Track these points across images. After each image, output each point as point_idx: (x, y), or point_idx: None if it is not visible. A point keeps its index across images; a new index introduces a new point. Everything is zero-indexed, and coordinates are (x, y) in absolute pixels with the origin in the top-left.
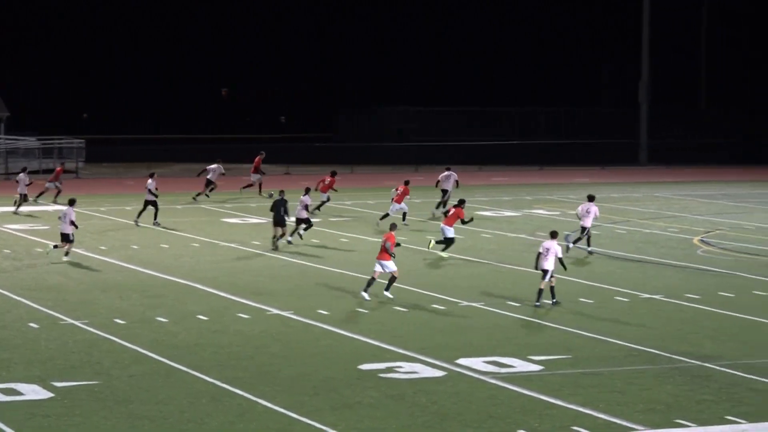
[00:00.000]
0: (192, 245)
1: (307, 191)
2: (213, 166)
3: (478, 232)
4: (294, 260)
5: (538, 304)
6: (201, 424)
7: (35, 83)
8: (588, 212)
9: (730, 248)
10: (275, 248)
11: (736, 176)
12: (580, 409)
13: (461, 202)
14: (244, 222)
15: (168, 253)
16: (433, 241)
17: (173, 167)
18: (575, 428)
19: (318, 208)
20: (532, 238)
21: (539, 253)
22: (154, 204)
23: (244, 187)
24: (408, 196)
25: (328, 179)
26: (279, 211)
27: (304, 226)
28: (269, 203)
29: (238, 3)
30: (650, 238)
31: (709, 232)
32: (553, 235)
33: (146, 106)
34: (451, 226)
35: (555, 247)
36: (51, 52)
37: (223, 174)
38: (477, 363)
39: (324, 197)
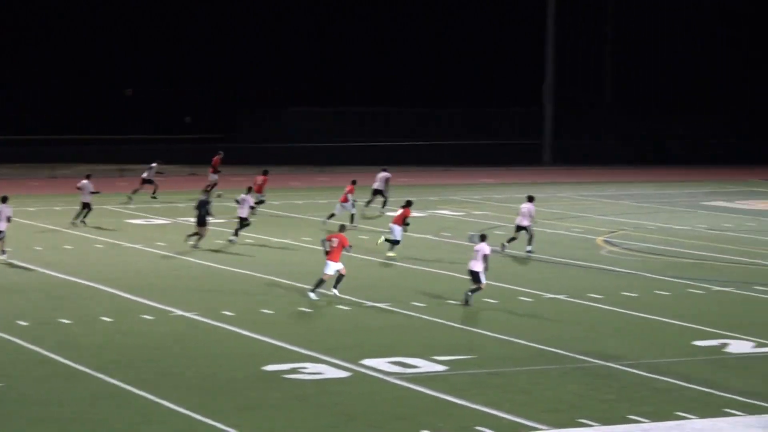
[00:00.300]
0: (96, 246)
1: (249, 190)
2: (152, 165)
3: (384, 232)
4: (198, 261)
5: (470, 294)
6: (104, 425)
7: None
8: (523, 212)
9: (634, 248)
10: (193, 245)
11: (639, 177)
12: (485, 409)
13: (409, 203)
14: (148, 223)
15: (72, 254)
16: (383, 238)
17: (77, 168)
18: (480, 428)
19: (255, 205)
20: (437, 238)
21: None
22: (89, 205)
23: (208, 187)
24: (351, 196)
25: (260, 178)
26: (200, 210)
27: (240, 225)
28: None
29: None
30: (554, 239)
31: (612, 232)
32: (483, 237)
33: (50, 106)
34: (400, 225)
35: (484, 248)
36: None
37: (160, 173)
38: (382, 363)
39: (260, 197)
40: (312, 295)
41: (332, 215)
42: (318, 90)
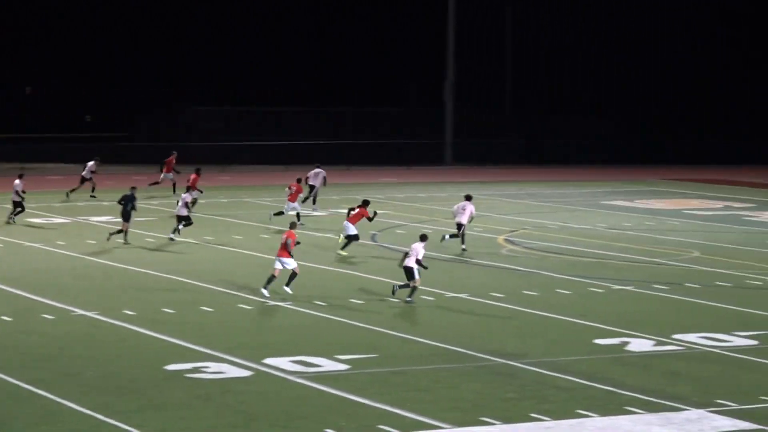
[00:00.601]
0: None
1: (188, 189)
2: (89, 163)
3: (281, 230)
4: (99, 260)
5: (397, 288)
6: (5, 425)
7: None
8: (463, 210)
9: (534, 247)
10: (124, 242)
11: (539, 176)
12: (387, 408)
13: (365, 203)
14: (48, 222)
15: None
16: (342, 236)
17: None
18: (382, 427)
19: (192, 204)
20: (339, 237)
21: (406, 253)
22: (20, 204)
23: (156, 185)
24: (302, 194)
25: (192, 176)
26: (126, 206)
27: (183, 223)
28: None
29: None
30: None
31: (513, 231)
32: (423, 237)
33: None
34: (354, 224)
35: (419, 249)
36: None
37: (94, 172)
38: (284, 363)
39: (194, 194)
40: (287, 289)
41: (297, 214)
42: (217, 89)
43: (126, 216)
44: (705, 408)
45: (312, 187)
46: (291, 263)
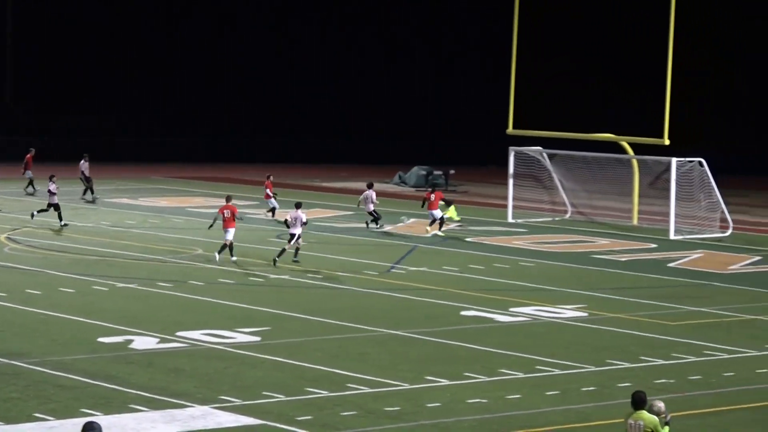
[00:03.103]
0: None
1: (51, 178)
2: None
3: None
4: None
5: (296, 259)
6: None
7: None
8: (366, 199)
9: (37, 245)
10: None
11: (42, 173)
12: None
13: (435, 186)
14: None
15: None
16: (440, 229)
17: None
18: None
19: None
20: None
21: (286, 220)
22: None
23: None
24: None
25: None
26: None
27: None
28: None
29: None
30: None
31: (16, 229)
32: (298, 205)
33: None
34: (436, 208)
35: (301, 216)
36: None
37: None
38: None
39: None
40: (217, 257)
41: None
42: None
43: None
44: (209, 404)
45: (87, 179)
46: (231, 234)
